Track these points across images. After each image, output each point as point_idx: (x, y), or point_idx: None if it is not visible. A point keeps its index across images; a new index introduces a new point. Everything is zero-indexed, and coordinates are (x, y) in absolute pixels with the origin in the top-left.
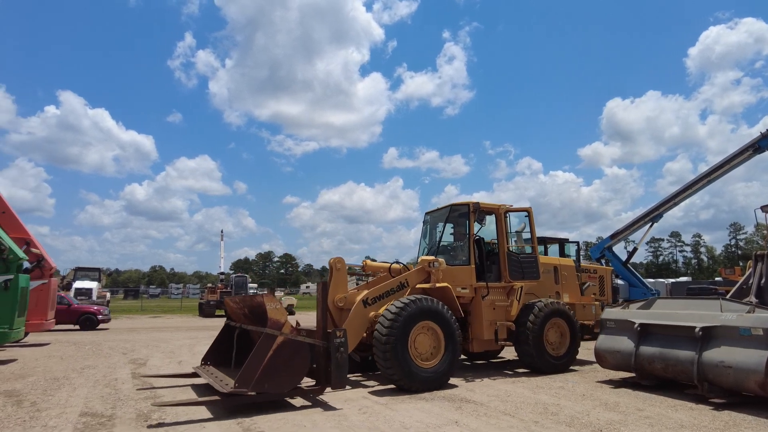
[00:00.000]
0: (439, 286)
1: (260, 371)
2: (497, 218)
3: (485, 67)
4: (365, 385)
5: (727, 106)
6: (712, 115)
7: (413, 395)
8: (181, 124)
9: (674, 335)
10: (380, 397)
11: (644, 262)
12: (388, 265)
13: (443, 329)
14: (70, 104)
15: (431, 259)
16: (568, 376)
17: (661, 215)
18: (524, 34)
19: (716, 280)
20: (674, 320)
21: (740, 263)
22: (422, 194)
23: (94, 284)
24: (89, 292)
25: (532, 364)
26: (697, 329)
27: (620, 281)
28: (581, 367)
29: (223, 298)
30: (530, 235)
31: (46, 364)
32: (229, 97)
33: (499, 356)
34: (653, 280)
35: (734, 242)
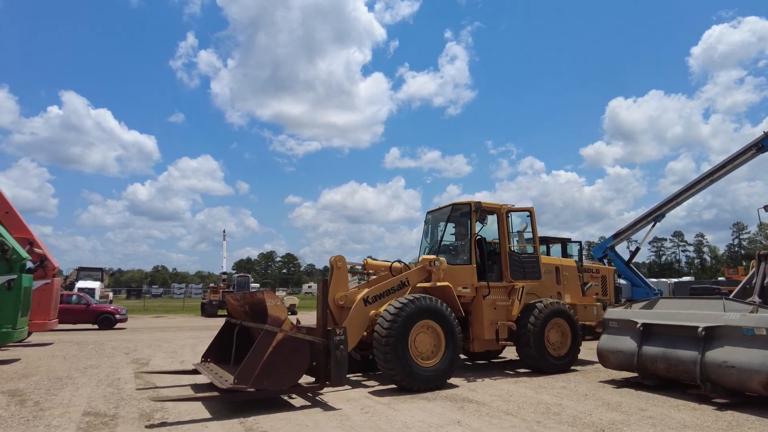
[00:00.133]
0: (439, 285)
1: (259, 368)
2: (499, 218)
3: (487, 66)
4: (366, 384)
5: (730, 105)
6: (715, 114)
7: (415, 395)
8: (183, 124)
9: (677, 335)
10: (382, 396)
11: (647, 261)
12: (389, 264)
13: (443, 328)
14: (72, 104)
15: (432, 258)
16: (570, 376)
17: (663, 215)
18: (526, 33)
19: (719, 279)
20: (677, 320)
21: (743, 263)
22: (424, 194)
23: (96, 284)
24: (92, 292)
25: (533, 364)
26: (700, 329)
27: (623, 281)
28: (583, 367)
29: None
30: (532, 235)
31: (49, 363)
32: (231, 97)
33: (500, 356)
34: (656, 279)
35: (737, 242)
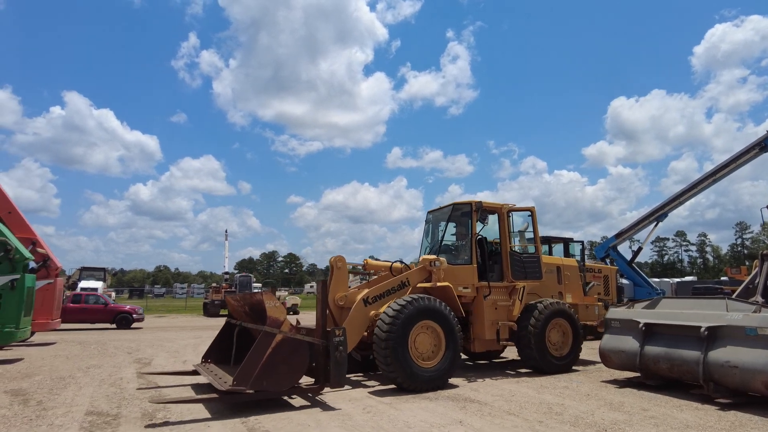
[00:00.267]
0: (440, 285)
1: (259, 369)
2: (500, 218)
3: (489, 66)
4: (367, 384)
5: (733, 104)
6: (717, 113)
7: (417, 395)
8: (185, 124)
9: (680, 335)
10: (383, 396)
11: (649, 261)
12: (389, 264)
13: (443, 328)
14: (75, 105)
15: (432, 258)
16: (572, 375)
17: (666, 214)
18: (528, 33)
19: (722, 279)
20: (680, 320)
21: (746, 262)
22: (426, 194)
23: (99, 284)
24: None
25: (534, 364)
26: (702, 329)
27: (625, 281)
28: (586, 366)
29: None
30: (533, 234)
31: (52, 363)
32: (233, 97)
33: (501, 356)
34: (658, 279)
35: (740, 241)
